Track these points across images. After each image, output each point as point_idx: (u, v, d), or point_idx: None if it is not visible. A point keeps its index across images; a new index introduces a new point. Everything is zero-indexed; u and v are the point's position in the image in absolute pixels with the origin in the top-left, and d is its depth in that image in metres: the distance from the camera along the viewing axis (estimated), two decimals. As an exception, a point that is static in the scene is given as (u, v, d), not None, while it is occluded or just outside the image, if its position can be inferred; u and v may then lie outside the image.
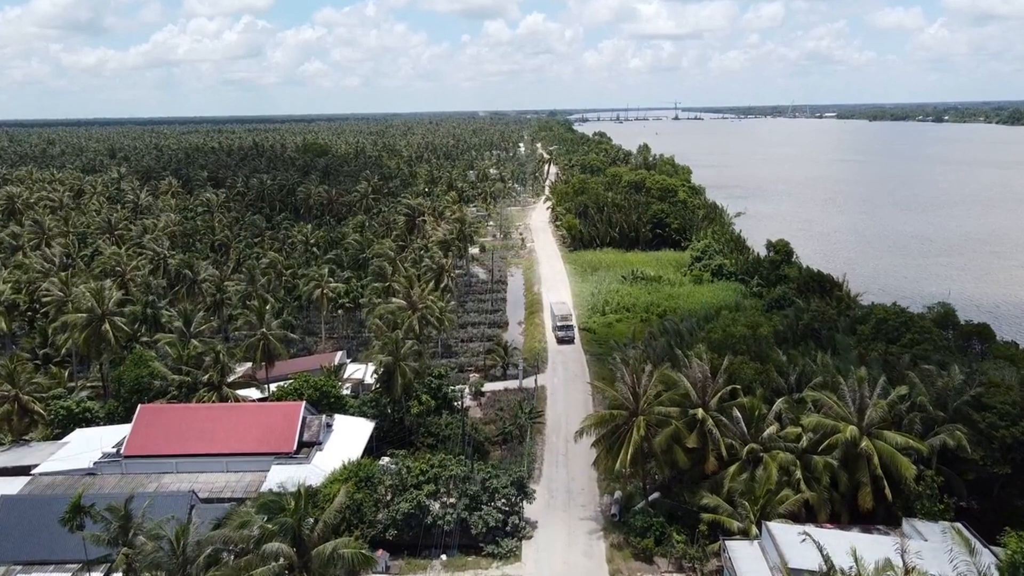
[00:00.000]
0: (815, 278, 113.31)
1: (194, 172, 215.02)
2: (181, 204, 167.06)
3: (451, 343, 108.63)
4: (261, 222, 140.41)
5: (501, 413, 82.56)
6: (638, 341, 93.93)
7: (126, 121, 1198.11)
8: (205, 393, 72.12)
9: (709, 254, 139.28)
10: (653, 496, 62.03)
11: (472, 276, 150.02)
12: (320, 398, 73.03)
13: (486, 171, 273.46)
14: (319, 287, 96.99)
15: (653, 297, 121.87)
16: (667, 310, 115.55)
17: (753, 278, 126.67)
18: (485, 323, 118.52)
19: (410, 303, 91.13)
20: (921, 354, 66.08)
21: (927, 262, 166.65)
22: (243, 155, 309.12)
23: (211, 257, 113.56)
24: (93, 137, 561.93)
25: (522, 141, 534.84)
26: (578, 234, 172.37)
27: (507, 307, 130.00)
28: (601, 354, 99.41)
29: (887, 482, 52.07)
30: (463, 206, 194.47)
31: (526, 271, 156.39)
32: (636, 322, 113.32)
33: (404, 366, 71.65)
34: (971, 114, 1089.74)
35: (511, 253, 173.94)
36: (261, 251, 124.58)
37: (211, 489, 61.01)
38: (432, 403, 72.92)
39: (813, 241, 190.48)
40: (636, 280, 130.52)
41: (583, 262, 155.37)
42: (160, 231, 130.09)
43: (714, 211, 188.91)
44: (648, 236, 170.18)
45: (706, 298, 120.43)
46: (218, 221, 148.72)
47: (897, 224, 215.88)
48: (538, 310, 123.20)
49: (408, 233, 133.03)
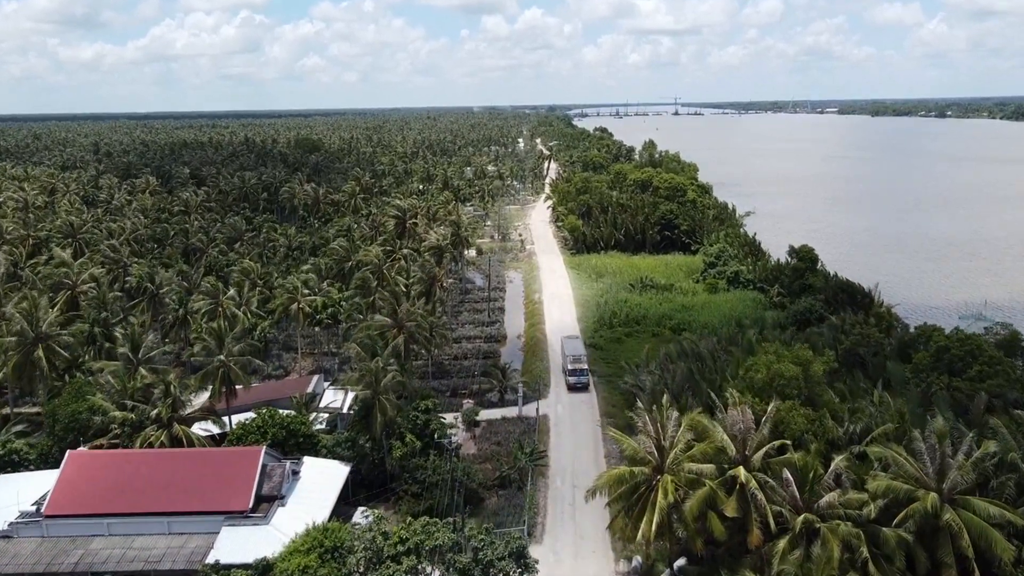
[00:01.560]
0: (844, 288, 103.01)
1: (176, 169, 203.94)
2: (158, 204, 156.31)
3: (443, 360, 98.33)
4: (240, 224, 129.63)
5: (498, 449, 72.37)
6: (651, 363, 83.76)
7: (124, 116, 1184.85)
8: (153, 432, 61.75)
9: (724, 259, 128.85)
10: (679, 563, 51.86)
11: (468, 282, 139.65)
12: (287, 437, 62.74)
13: (484, 168, 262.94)
14: (294, 301, 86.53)
15: (665, 308, 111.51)
16: (681, 323, 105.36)
17: (773, 287, 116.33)
18: (481, 337, 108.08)
19: (395, 321, 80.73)
20: (994, 390, 55.82)
21: (952, 266, 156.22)
22: (232, 151, 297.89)
23: (178, 266, 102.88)
24: (81, 132, 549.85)
25: (521, 137, 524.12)
26: (581, 236, 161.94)
27: (505, 318, 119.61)
28: (611, 376, 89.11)
29: (976, 564, 41.87)
30: (459, 206, 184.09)
31: (526, 276, 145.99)
32: (647, 337, 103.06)
33: (384, 401, 61.36)
34: (974, 110, 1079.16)
35: (510, 256, 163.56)
36: (238, 256, 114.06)
37: (147, 558, 50.67)
38: (417, 444, 62.59)
39: (826, 243, 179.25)
40: (645, 288, 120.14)
41: (587, 267, 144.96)
42: (127, 235, 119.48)
43: (724, 211, 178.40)
44: (656, 238, 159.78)
45: (723, 309, 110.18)
46: (195, 223, 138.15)
47: (913, 224, 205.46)
48: (539, 322, 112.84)
49: (398, 237, 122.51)
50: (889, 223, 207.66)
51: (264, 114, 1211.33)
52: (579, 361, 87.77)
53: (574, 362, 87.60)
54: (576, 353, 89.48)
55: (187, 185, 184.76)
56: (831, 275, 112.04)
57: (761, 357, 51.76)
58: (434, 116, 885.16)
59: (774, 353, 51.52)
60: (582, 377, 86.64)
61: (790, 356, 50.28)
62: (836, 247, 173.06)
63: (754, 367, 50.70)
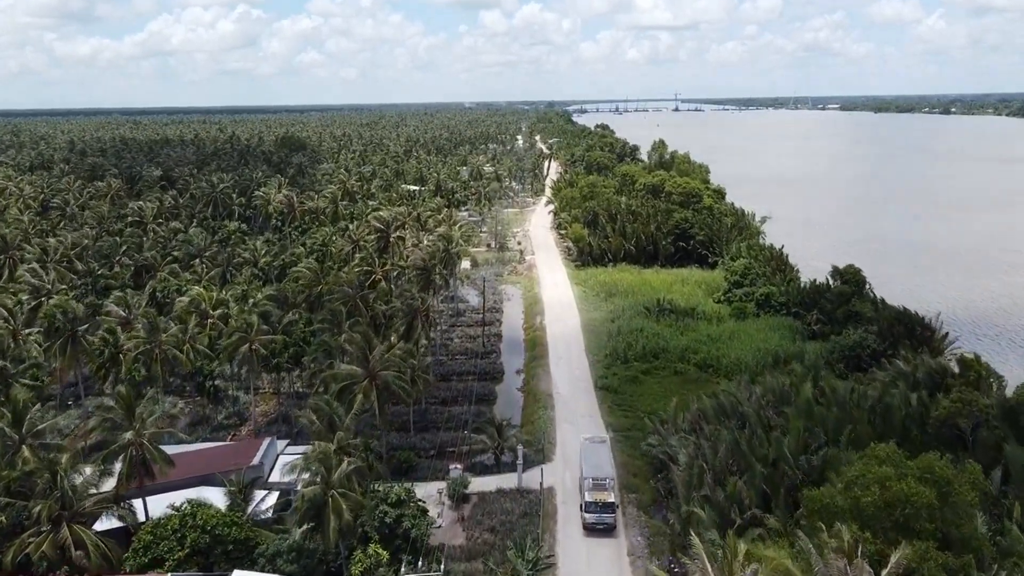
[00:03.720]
0: (901, 319, 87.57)
1: (147, 171, 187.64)
2: (116, 212, 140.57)
3: (429, 404, 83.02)
4: (201, 237, 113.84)
5: (492, 538, 57.11)
6: (679, 416, 68.56)
7: (122, 111, 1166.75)
8: (33, 537, 46.59)
9: (751, 278, 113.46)
10: None
11: (460, 301, 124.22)
12: (213, 544, 47.49)
13: (480, 168, 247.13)
14: (246, 341, 71.06)
15: (688, 339, 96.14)
16: (708, 359, 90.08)
17: (811, 312, 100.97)
18: (474, 373, 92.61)
19: (366, 369, 65.31)
20: None
21: (1000, 282, 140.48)
22: (214, 149, 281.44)
23: (119, 292, 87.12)
24: (64, 128, 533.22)
25: (520, 134, 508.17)
26: (587, 247, 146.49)
27: (502, 347, 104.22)
28: (630, 431, 73.90)
29: None
30: (452, 212, 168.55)
31: (526, 294, 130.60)
32: (669, 376, 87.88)
33: (339, 499, 46.03)
34: (978, 107, 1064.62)
35: (508, 268, 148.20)
36: (194, 277, 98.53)
37: None
38: (385, 555, 47.28)
39: (849, 253, 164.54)
40: (663, 313, 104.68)
41: (595, 283, 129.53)
42: (69, 250, 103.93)
43: (742, 218, 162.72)
44: (669, 250, 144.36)
45: (755, 340, 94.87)
46: (153, 234, 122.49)
47: (944, 231, 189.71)
48: (542, 355, 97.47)
49: (380, 253, 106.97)
50: (916, 230, 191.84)
51: (262, 110, 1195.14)
52: (602, 488, 58.15)
53: (595, 488, 58.19)
54: (600, 475, 59.49)
55: (155, 188, 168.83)
56: (880, 301, 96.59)
57: (870, 467, 36.33)
58: (431, 113, 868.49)
59: (888, 460, 36.12)
60: (606, 515, 57.20)
61: (917, 469, 35.02)
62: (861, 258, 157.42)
63: (861, 481, 35.35)
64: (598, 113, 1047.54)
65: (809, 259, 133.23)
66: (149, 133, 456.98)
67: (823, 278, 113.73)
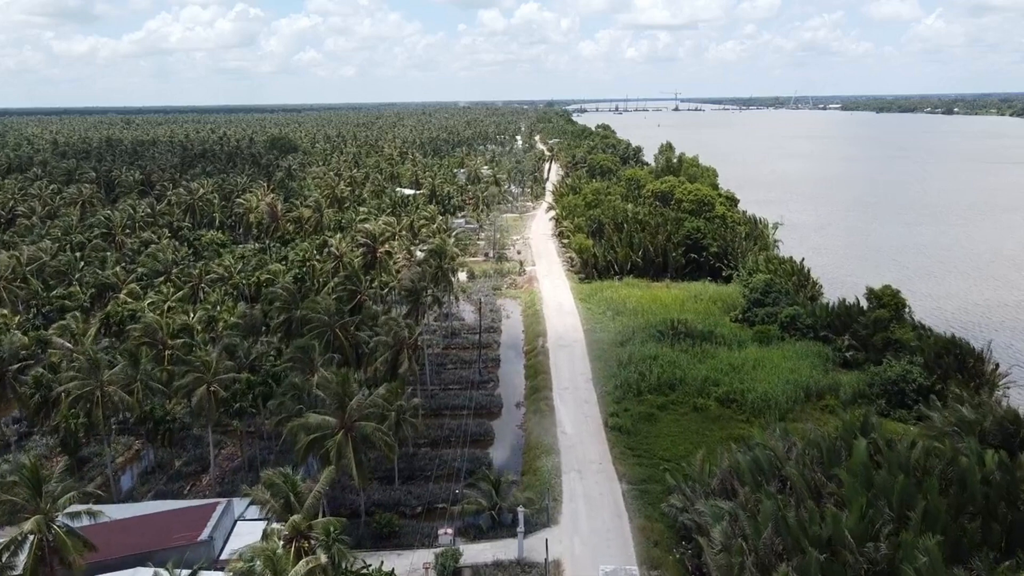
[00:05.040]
0: (949, 349, 77.80)
1: (127, 174, 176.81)
2: (87, 220, 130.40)
3: (417, 448, 73.21)
4: (170, 251, 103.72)
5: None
6: (707, 473, 58.82)
7: (120, 110, 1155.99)
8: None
9: (773, 296, 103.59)
10: None
11: (455, 318, 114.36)
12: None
13: (478, 171, 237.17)
14: (203, 382, 61.12)
15: (707, 367, 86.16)
16: (731, 393, 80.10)
17: (842, 336, 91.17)
18: (469, 408, 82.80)
19: (342, 420, 55.48)
20: None
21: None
22: (203, 150, 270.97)
23: (65, 321, 77.01)
24: (51, 128, 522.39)
25: (519, 134, 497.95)
26: (591, 258, 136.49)
27: (500, 373, 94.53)
28: (646, 483, 64.09)
29: None
30: (448, 219, 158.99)
31: (526, 310, 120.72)
32: (688, 412, 78.02)
33: (293, 612, 36.17)
34: (981, 106, 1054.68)
35: (507, 281, 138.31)
36: (160, 299, 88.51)
37: None
38: None
39: (867, 261, 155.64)
40: (678, 337, 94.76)
41: (600, 299, 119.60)
42: (20, 267, 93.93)
43: (755, 227, 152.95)
44: (680, 262, 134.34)
45: (782, 369, 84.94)
46: (119, 248, 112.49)
47: (966, 238, 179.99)
48: (545, 386, 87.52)
49: (366, 270, 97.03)
50: (935, 236, 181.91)
51: (260, 109, 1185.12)
52: None
53: None
54: None
55: (132, 194, 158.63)
56: (924, 327, 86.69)
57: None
58: (429, 112, 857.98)
59: None
60: None
61: None
62: (880, 268, 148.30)
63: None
64: (597, 113, 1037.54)
65: (825, 267, 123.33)
66: (139, 133, 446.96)
67: (846, 293, 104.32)
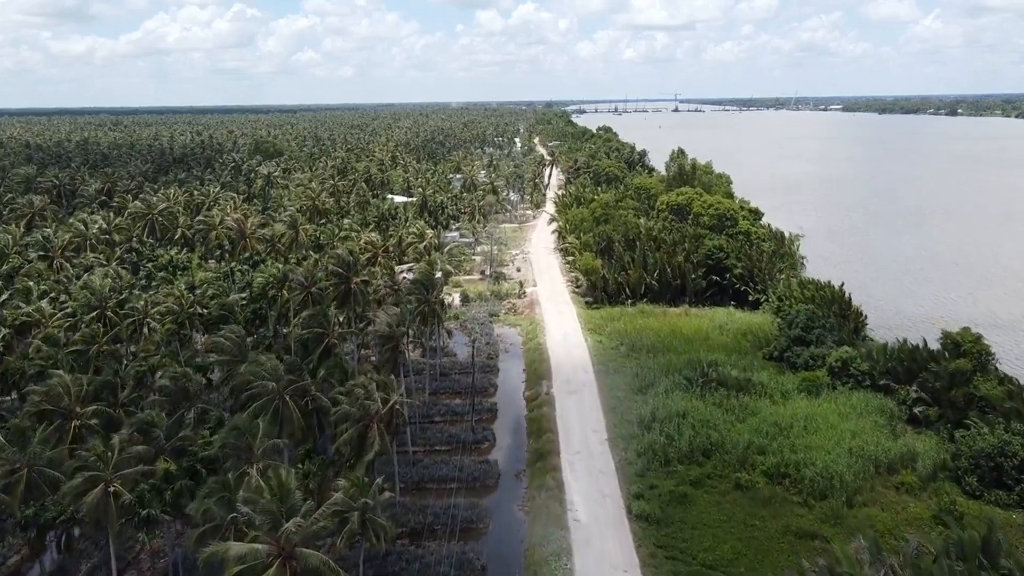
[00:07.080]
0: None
1: (84, 185, 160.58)
2: (32, 239, 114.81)
3: (391, 540, 58.03)
4: (104, 280, 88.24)
5: None
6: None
7: (118, 111, 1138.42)
8: None
9: (816, 333, 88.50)
10: None
11: (446, 354, 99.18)
12: None
13: (475, 177, 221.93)
14: (98, 482, 46.00)
15: (748, 428, 71.07)
16: (781, 464, 65.05)
17: (907, 386, 76.18)
18: (460, 481, 67.61)
19: (279, 545, 40.35)
20: None
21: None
22: (182, 154, 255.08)
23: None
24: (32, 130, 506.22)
25: (518, 135, 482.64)
26: (600, 281, 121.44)
27: (497, 430, 79.33)
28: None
29: None
30: (439, 234, 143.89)
31: (528, 343, 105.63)
32: (729, 491, 63.01)
33: None
34: (985, 108, 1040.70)
35: (505, 305, 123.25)
36: (80, 346, 73.21)
37: None
38: None
39: (888, 276, 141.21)
40: (709, 386, 79.68)
41: (612, 331, 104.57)
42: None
43: (781, 243, 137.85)
44: (700, 285, 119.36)
45: (839, 431, 70.01)
46: (56, 271, 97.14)
47: (994, 248, 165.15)
48: (551, 449, 72.29)
49: (338, 304, 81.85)
50: (960, 247, 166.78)
51: (258, 109, 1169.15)
52: None
53: None
54: None
55: (91, 205, 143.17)
56: (1008, 379, 71.63)
57: None
58: (426, 113, 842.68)
59: None
60: None
61: None
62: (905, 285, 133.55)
63: None
64: (597, 113, 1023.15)
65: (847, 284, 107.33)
66: (123, 135, 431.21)
67: (881, 316, 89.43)
